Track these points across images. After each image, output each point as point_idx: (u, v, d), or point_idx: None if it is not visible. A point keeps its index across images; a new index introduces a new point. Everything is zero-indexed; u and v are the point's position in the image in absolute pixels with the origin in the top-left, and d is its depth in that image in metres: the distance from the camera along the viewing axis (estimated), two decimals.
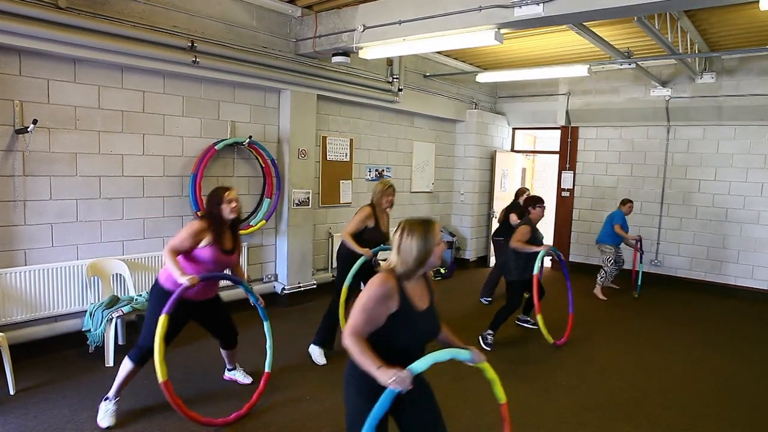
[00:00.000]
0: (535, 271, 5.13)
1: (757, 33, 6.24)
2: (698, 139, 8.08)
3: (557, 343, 5.27)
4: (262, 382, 3.75)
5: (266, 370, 3.81)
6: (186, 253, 3.45)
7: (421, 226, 2.21)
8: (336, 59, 5.83)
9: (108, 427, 3.36)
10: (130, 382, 3.51)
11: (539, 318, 5.13)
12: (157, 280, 3.54)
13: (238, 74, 5.47)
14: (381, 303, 2.14)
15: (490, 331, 5.23)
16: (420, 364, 2.00)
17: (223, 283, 4.01)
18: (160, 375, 3.09)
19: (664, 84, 7.88)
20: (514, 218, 6.90)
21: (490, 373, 2.33)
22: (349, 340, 2.10)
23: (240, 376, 4.12)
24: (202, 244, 3.44)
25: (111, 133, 4.77)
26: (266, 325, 3.80)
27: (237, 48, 5.40)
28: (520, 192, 7.28)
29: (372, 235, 4.62)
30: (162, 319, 3.16)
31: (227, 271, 3.72)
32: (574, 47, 7.00)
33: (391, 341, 2.16)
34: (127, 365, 3.43)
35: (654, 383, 4.51)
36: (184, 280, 3.22)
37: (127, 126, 4.87)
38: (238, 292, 5.46)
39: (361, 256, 4.44)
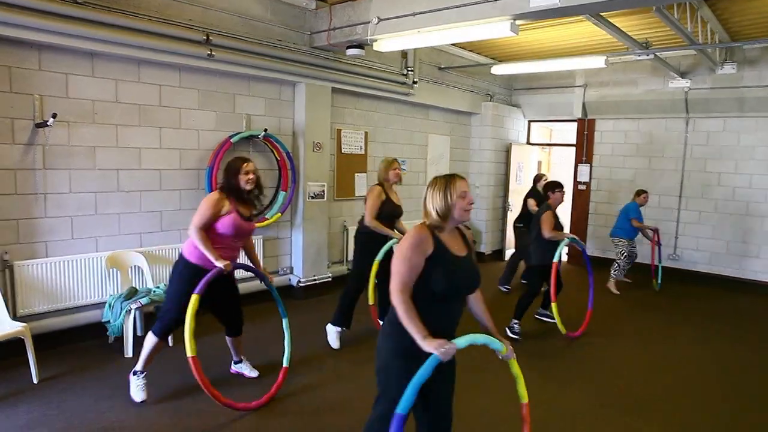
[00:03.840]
0: (556, 258, 5.14)
1: None
2: (718, 131, 7.94)
3: (570, 335, 5.25)
4: (280, 375, 3.80)
5: (284, 365, 3.85)
6: (208, 227, 3.50)
7: (443, 179, 2.32)
8: (350, 52, 5.82)
9: (142, 401, 3.50)
10: (155, 356, 3.62)
11: (554, 306, 5.12)
12: (181, 255, 3.62)
13: (253, 67, 5.49)
14: (417, 249, 2.21)
15: (515, 321, 5.30)
16: (461, 341, 2.09)
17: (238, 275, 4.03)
18: (189, 350, 3.17)
19: (683, 75, 7.75)
20: (531, 203, 6.95)
21: (516, 369, 2.40)
22: (396, 297, 2.17)
23: (246, 370, 4.13)
24: (223, 212, 3.51)
25: (128, 127, 4.82)
26: (285, 322, 3.85)
27: (252, 41, 5.42)
28: (537, 178, 7.30)
29: (386, 210, 4.74)
30: (194, 299, 3.24)
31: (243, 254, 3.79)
32: (590, 38, 6.91)
33: (431, 286, 2.20)
34: (151, 339, 3.56)
35: (669, 379, 4.47)
36: (220, 265, 3.32)
37: (143, 119, 4.92)
38: (248, 286, 5.51)
39: (387, 239, 4.61)
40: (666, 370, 4.66)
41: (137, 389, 3.58)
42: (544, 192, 5.63)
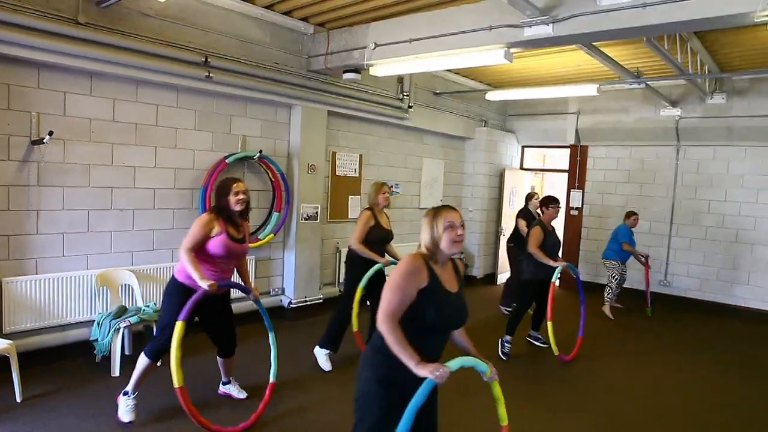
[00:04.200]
0: (554, 278, 5.17)
1: None
2: (708, 159, 8.05)
3: (563, 357, 5.25)
4: (267, 391, 3.78)
5: (271, 380, 3.83)
6: (199, 248, 3.50)
7: (432, 210, 2.34)
8: (347, 76, 5.90)
9: (130, 422, 3.45)
10: (146, 378, 3.58)
11: (549, 325, 5.12)
12: (173, 276, 3.62)
13: (250, 89, 5.56)
14: (411, 278, 2.20)
15: (507, 338, 5.30)
16: (453, 364, 2.11)
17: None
18: (176, 380, 3.15)
19: (674, 104, 7.88)
20: (522, 224, 7.00)
21: (497, 391, 2.40)
22: (384, 325, 2.15)
23: (234, 391, 4.09)
24: (213, 233, 3.51)
25: (124, 146, 4.84)
26: (271, 336, 3.83)
27: (250, 63, 5.49)
28: (529, 196, 7.36)
29: (375, 235, 4.73)
30: (179, 326, 3.21)
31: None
32: (583, 67, 7.04)
33: (420, 318, 2.19)
34: (143, 361, 3.52)
35: (661, 405, 4.46)
36: (204, 285, 3.29)
37: (140, 138, 4.95)
38: (241, 306, 5.50)
39: (374, 262, 4.59)
40: (657, 395, 4.65)
41: (126, 410, 3.54)
42: (540, 207, 5.67)
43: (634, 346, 6.10)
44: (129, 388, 3.57)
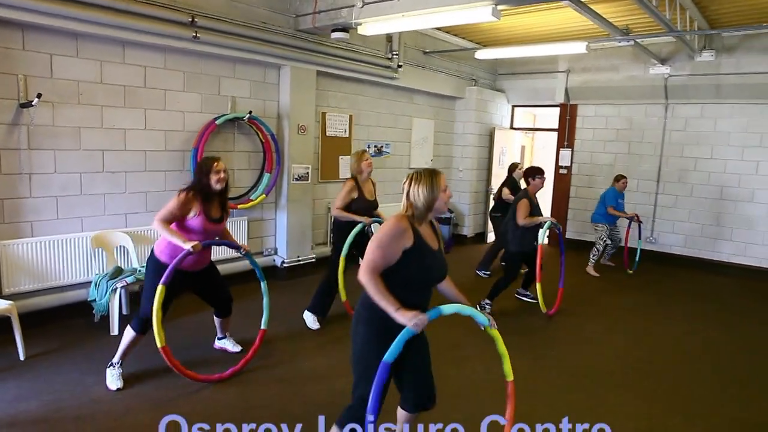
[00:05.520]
0: (540, 240, 5.27)
1: (759, 10, 6.25)
2: (696, 117, 8.12)
3: (548, 313, 5.42)
4: (258, 338, 3.94)
5: (262, 326, 3.98)
6: (176, 222, 3.53)
7: (429, 175, 2.42)
8: (335, 35, 5.86)
9: (118, 389, 3.52)
10: (133, 349, 3.64)
11: (538, 286, 5.27)
12: (152, 252, 3.63)
13: (238, 50, 5.52)
14: (396, 239, 2.32)
15: (487, 301, 5.43)
16: (448, 309, 2.26)
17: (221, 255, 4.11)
18: (159, 341, 3.31)
19: (663, 62, 7.89)
20: (506, 192, 7.05)
21: (501, 347, 2.51)
22: (365, 277, 2.29)
23: (230, 345, 4.23)
24: (191, 214, 3.53)
25: (113, 108, 4.84)
26: (263, 285, 3.94)
27: (237, 23, 5.44)
28: (513, 167, 7.38)
29: (358, 205, 4.72)
30: (159, 289, 3.31)
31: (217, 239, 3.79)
32: (572, 24, 7.01)
33: (404, 275, 2.33)
34: (129, 333, 3.57)
35: (642, 354, 4.66)
36: (188, 246, 3.32)
37: (128, 101, 4.94)
38: (235, 266, 5.61)
39: (356, 224, 4.58)
40: (640, 345, 4.86)
41: (113, 379, 3.56)
42: (525, 178, 5.70)
43: (618, 301, 6.30)
44: (115, 359, 3.60)
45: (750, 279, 7.57)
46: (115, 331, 4.43)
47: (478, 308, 5.34)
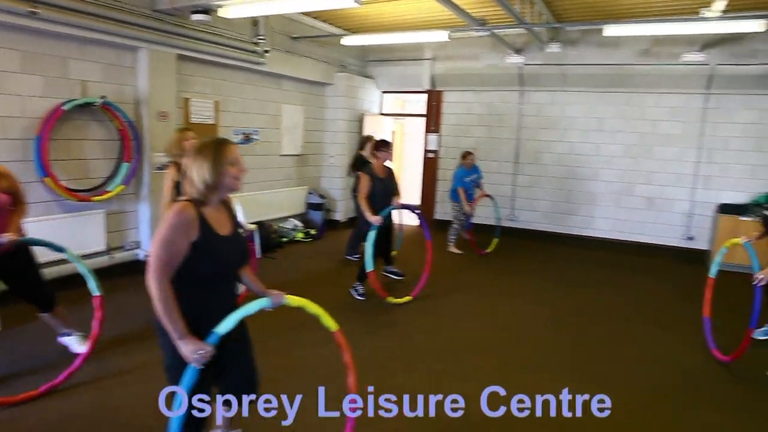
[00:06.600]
0: (385, 213, 5.16)
1: (597, 8, 6.91)
2: (547, 103, 8.84)
3: (412, 294, 5.50)
4: (96, 310, 3.58)
5: (95, 293, 3.58)
6: None
7: (212, 145, 2.10)
8: (195, 17, 5.59)
9: None
10: None
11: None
12: None
13: (86, 29, 5.08)
14: (181, 232, 2.01)
15: (358, 283, 5.44)
16: (221, 328, 2.02)
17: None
18: None
19: (518, 52, 8.47)
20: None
21: (312, 308, 2.29)
22: (152, 283, 1.97)
23: (74, 342, 3.81)
24: None
25: None
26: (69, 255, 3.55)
27: (84, 0, 4.98)
28: (363, 140, 7.31)
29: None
30: None
31: None
32: (434, 14, 7.28)
33: (196, 270, 2.06)
34: None
35: (501, 322, 5.07)
36: None
37: None
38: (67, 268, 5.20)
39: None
40: (498, 315, 5.26)
41: None
42: (372, 153, 5.59)
43: (477, 277, 6.69)
44: None
45: (596, 249, 8.45)
46: None
47: (352, 291, 5.43)
